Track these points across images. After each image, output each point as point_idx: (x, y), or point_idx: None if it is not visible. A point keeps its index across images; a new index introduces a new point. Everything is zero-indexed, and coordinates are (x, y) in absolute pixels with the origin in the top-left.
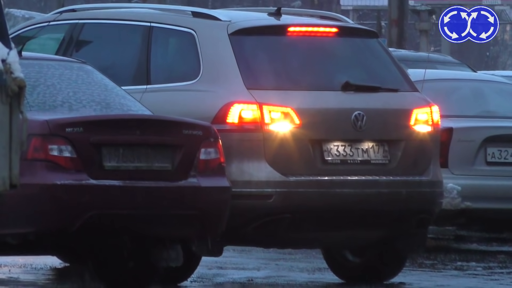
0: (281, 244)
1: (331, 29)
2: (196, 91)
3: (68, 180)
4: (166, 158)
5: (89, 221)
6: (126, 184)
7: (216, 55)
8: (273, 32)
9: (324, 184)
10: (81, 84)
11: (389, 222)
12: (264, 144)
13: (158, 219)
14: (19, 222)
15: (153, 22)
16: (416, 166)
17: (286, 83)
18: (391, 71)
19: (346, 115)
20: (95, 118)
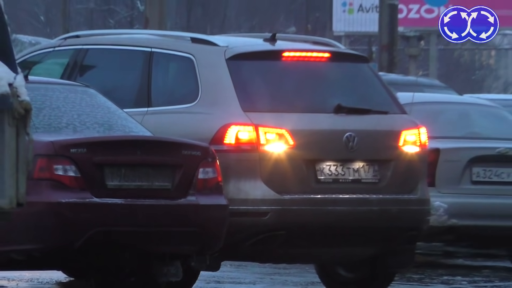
0: (276, 260)
1: (323, 54)
2: (194, 113)
3: (72, 199)
4: (166, 177)
5: (92, 238)
6: (128, 202)
7: (214, 79)
8: (269, 57)
9: (317, 202)
10: (85, 107)
11: (379, 239)
12: (260, 164)
13: (158, 236)
14: (25, 239)
15: (153, 47)
16: (405, 185)
17: (280, 106)
18: (381, 95)
19: (338, 136)
20: (98, 139)
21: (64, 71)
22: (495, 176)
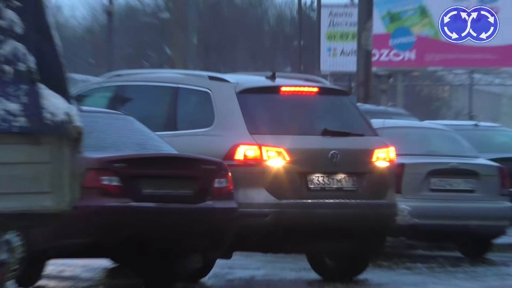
0: (275, 251)
1: (313, 89)
2: (211, 136)
3: (115, 203)
4: (188, 186)
5: (131, 234)
6: (159, 206)
7: (226, 108)
8: (269, 91)
9: (308, 205)
10: (124, 131)
11: (357, 235)
12: (263, 175)
13: (183, 233)
14: (79, 234)
15: (179, 83)
16: (377, 192)
17: (279, 129)
18: (358, 121)
19: (325, 153)
20: (135, 156)
21: (108, 102)
22: (448, 185)
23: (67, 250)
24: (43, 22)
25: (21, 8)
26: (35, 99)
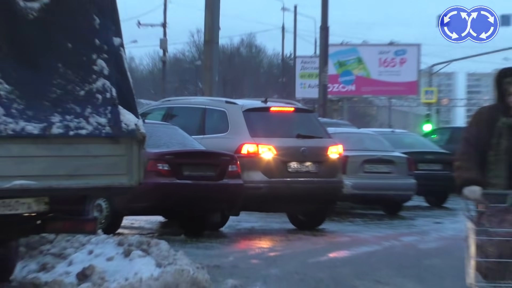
0: (267, 211)
1: (290, 108)
2: (226, 138)
3: (166, 180)
4: (212, 170)
5: (176, 200)
6: (193, 182)
7: (236, 121)
8: (263, 110)
9: (288, 182)
10: (172, 135)
11: (318, 200)
12: (259, 163)
13: (208, 199)
14: (143, 200)
15: (207, 105)
16: (331, 173)
17: (269, 134)
18: (319, 128)
19: (298, 149)
20: (178, 151)
21: (162, 117)
22: (375, 169)
23: (136, 210)
24: (121, 67)
25: (108, 59)
26: (116, 115)
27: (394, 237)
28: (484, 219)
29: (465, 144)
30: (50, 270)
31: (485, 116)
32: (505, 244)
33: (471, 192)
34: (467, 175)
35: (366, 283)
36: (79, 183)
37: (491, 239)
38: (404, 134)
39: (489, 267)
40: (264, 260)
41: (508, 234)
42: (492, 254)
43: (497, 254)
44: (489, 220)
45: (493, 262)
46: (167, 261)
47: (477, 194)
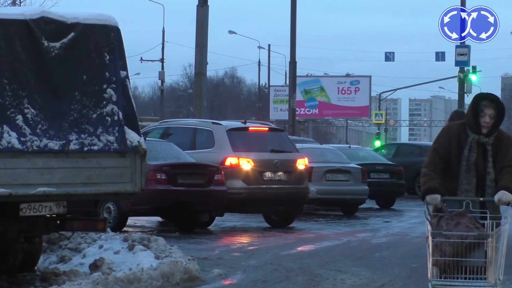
0: (246, 212)
1: (265, 128)
2: (213, 153)
3: (163, 187)
4: (201, 178)
5: (172, 203)
6: (187, 188)
7: (221, 138)
8: (243, 129)
9: (263, 188)
10: (168, 150)
11: (288, 203)
12: (240, 173)
13: (199, 203)
14: (144, 203)
15: (197, 126)
16: (299, 181)
17: (248, 149)
18: (289, 144)
19: (272, 161)
20: (174, 162)
21: (160, 136)
22: (335, 177)
23: (138, 212)
24: (127, 94)
25: (116, 88)
26: (122, 134)
27: (351, 234)
28: (443, 222)
29: (434, 153)
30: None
31: (456, 132)
32: (459, 244)
33: (432, 199)
34: (430, 184)
35: (328, 271)
36: (91, 190)
37: (448, 240)
38: (358, 149)
39: (446, 264)
40: (244, 253)
41: (461, 236)
42: (449, 253)
43: (453, 252)
44: (447, 223)
45: (450, 259)
46: (164, 254)
47: (437, 201)
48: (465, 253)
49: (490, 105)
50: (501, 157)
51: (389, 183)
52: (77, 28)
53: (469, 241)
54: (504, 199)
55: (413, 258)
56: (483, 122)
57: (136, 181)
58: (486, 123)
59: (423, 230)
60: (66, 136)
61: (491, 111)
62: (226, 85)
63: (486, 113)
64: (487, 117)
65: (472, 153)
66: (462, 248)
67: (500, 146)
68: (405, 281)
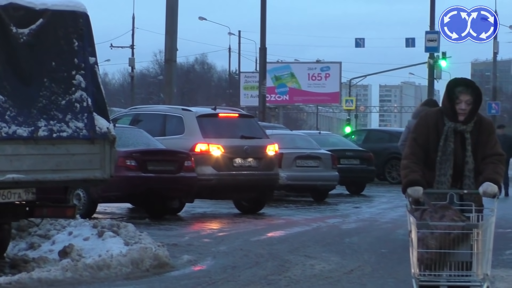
0: (216, 198)
1: (235, 114)
2: (183, 139)
3: (133, 174)
4: (171, 165)
5: (142, 190)
6: (157, 175)
7: (191, 125)
8: (213, 116)
9: (233, 175)
10: (138, 137)
11: (259, 189)
12: (210, 159)
13: (169, 189)
14: (114, 190)
15: (167, 112)
16: (269, 167)
17: (218, 135)
18: (259, 131)
19: (242, 147)
20: (144, 149)
21: (130, 122)
22: (305, 163)
23: (108, 199)
24: (96, 81)
25: (85, 74)
26: (91, 120)
27: (321, 220)
28: (427, 215)
29: (413, 143)
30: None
31: (433, 119)
32: (445, 237)
33: (414, 191)
34: (412, 176)
35: (298, 257)
36: (60, 176)
37: (433, 233)
38: (328, 135)
39: (430, 258)
40: (214, 239)
41: (447, 227)
42: (433, 246)
43: (437, 246)
44: (431, 216)
45: (434, 253)
46: (134, 240)
47: (419, 194)
48: (451, 247)
49: (466, 90)
50: (483, 145)
51: (359, 169)
52: (45, 14)
53: (455, 234)
54: (489, 191)
55: (382, 243)
56: (459, 109)
57: (105, 167)
58: (463, 110)
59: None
60: (35, 122)
61: (467, 97)
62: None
63: (462, 99)
64: (463, 104)
65: (449, 143)
66: (448, 241)
67: (481, 133)
68: (375, 266)
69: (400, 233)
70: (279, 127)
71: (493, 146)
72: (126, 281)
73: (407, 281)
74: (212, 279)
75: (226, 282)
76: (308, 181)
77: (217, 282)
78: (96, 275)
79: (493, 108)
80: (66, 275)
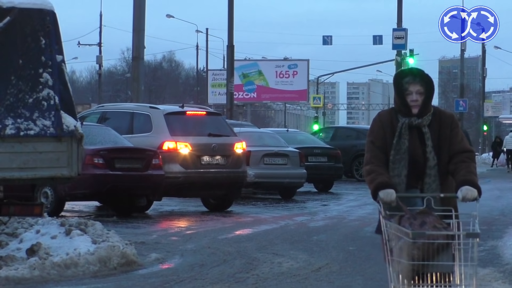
0: (184, 196)
1: (203, 112)
2: (151, 137)
3: (100, 172)
4: (139, 163)
5: (109, 188)
6: (124, 173)
7: (158, 122)
8: (181, 113)
9: (201, 172)
10: (105, 135)
11: (226, 187)
12: (177, 157)
13: (136, 187)
14: (81, 188)
15: (134, 110)
16: (237, 165)
17: (186, 133)
18: (227, 128)
19: (209, 145)
20: (111, 147)
21: (97, 120)
22: (273, 161)
23: (76, 197)
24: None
25: (52, 72)
26: (58, 118)
27: (289, 217)
28: (406, 222)
29: (372, 147)
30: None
31: (387, 118)
32: (428, 246)
33: (386, 194)
34: (381, 179)
35: (266, 255)
36: (28, 174)
37: (415, 242)
38: (296, 132)
39: (412, 269)
40: (182, 237)
41: (431, 237)
42: (417, 257)
43: (420, 256)
44: (411, 223)
45: (417, 264)
46: (101, 239)
47: (393, 197)
48: (435, 257)
49: (414, 80)
50: (447, 140)
51: (327, 166)
52: (12, 12)
53: (439, 243)
54: (469, 196)
55: (350, 241)
56: (410, 101)
57: (72, 165)
58: (415, 102)
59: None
60: (2, 120)
61: (417, 87)
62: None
63: (411, 90)
64: (413, 95)
65: (403, 140)
66: (432, 251)
67: (442, 127)
68: (342, 264)
69: (367, 231)
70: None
71: (460, 141)
72: (94, 279)
73: (375, 278)
74: (180, 277)
75: (193, 280)
76: (276, 178)
77: (185, 280)
78: (63, 273)
79: (461, 105)
80: (33, 273)
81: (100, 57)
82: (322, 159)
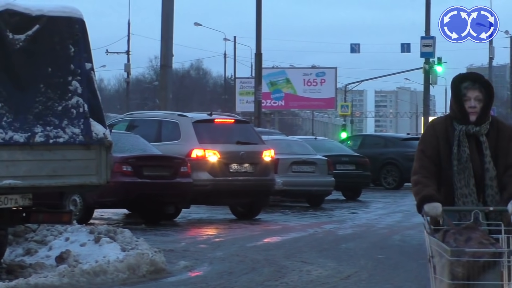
0: (212, 204)
1: (231, 120)
2: (179, 145)
3: (129, 179)
4: (167, 170)
5: (137, 196)
6: (152, 181)
7: (187, 130)
8: (209, 121)
9: (229, 180)
10: (134, 143)
11: (254, 195)
12: (206, 164)
13: (165, 195)
14: (110, 196)
15: (162, 118)
16: (265, 172)
17: (214, 141)
18: (255, 136)
19: (238, 153)
20: (140, 155)
21: (126, 128)
22: (301, 169)
23: (104, 204)
24: (92, 87)
25: (81, 80)
26: (87, 126)
27: (317, 225)
28: (450, 237)
29: (421, 156)
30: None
31: (441, 126)
32: (473, 264)
33: (432, 208)
34: (426, 192)
35: (294, 263)
36: (57, 182)
37: (459, 259)
38: (324, 140)
39: None
40: (210, 245)
41: (477, 254)
42: (460, 275)
43: (465, 274)
44: (455, 239)
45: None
46: (130, 246)
47: (438, 211)
48: (480, 276)
49: (473, 86)
50: (504, 153)
51: (355, 174)
52: (41, 20)
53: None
54: None
55: (378, 249)
56: (468, 107)
57: (101, 173)
58: (473, 108)
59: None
60: (31, 128)
61: (476, 93)
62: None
63: (470, 96)
64: (472, 101)
65: (463, 148)
66: (477, 269)
67: (500, 138)
68: (371, 272)
69: (396, 239)
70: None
71: None
72: (123, 287)
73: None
74: (209, 285)
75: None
76: (304, 186)
77: None
78: (92, 281)
79: None
80: (63, 281)
81: (128, 65)
82: (350, 167)
